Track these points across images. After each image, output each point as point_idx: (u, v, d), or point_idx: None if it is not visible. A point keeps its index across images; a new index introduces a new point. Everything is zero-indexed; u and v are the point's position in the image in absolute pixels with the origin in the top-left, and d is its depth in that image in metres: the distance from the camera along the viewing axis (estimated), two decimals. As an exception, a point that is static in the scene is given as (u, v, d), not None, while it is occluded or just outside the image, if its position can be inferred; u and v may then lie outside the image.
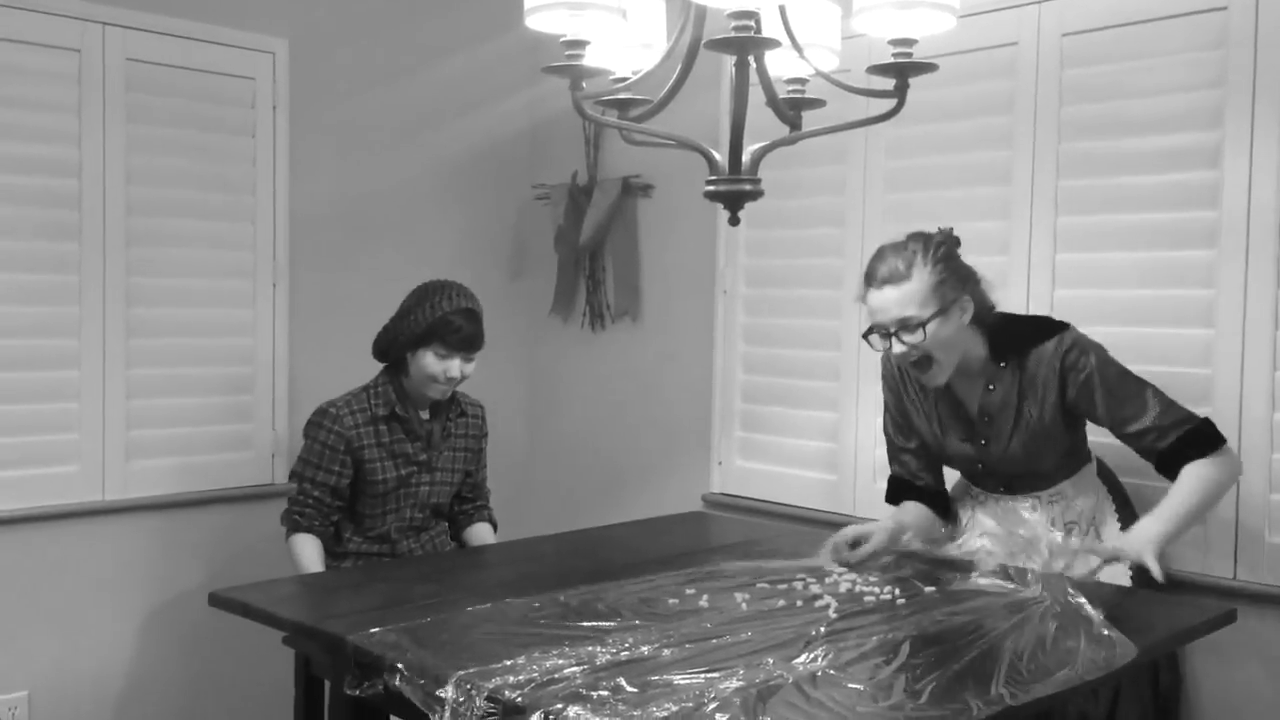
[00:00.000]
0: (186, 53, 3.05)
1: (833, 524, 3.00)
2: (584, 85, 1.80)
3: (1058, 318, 2.33)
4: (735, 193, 1.88)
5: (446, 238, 3.61)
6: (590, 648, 1.75)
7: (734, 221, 1.95)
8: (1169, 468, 2.17)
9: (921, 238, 2.23)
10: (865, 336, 2.27)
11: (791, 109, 2.00)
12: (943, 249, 2.21)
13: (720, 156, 1.88)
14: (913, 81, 1.88)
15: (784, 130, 1.98)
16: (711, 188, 1.90)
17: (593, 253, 3.63)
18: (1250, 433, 2.37)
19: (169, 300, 3.07)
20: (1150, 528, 2.12)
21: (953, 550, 2.40)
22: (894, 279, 2.18)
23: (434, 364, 2.60)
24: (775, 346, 3.22)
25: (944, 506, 2.48)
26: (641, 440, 3.56)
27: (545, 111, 3.70)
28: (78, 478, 2.94)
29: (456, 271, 2.82)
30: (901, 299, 2.17)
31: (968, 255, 2.50)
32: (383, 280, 2.89)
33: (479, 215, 3.74)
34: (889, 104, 1.89)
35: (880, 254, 2.24)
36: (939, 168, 2.84)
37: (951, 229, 2.27)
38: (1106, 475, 2.45)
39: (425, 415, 2.72)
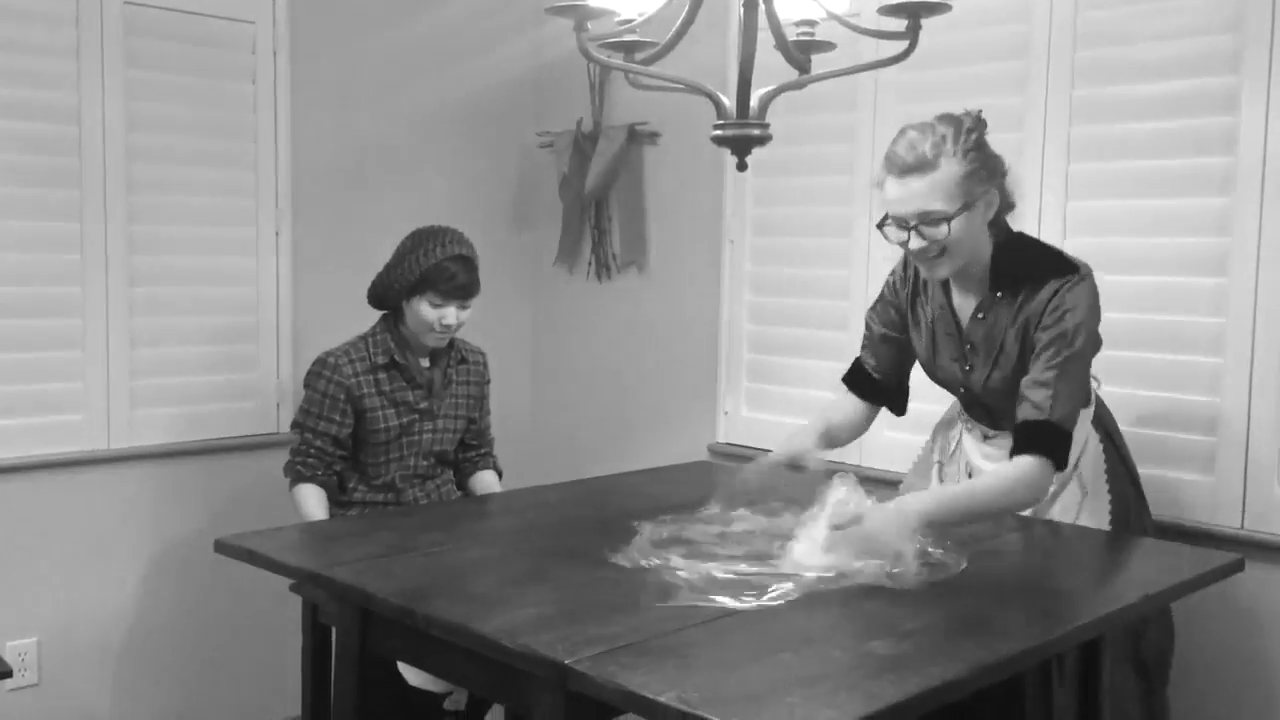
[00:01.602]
0: (185, -4, 3.01)
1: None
2: (589, 26, 1.77)
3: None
4: (743, 137, 1.85)
5: (450, 185, 3.58)
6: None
7: (741, 167, 1.93)
8: (1015, 441, 2.02)
9: (951, 121, 2.03)
10: (880, 227, 2.08)
11: (801, 52, 1.96)
12: (974, 135, 2.01)
13: (728, 101, 1.86)
14: (924, 25, 1.84)
15: (793, 74, 1.95)
16: (719, 132, 1.87)
17: (598, 201, 3.59)
18: (1261, 380, 2.35)
19: (171, 248, 3.05)
20: (917, 504, 1.95)
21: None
22: (920, 168, 1.98)
23: (429, 312, 2.59)
24: (782, 296, 3.20)
25: (900, 403, 2.38)
26: (647, 390, 3.55)
27: (550, 55, 3.64)
28: (82, 426, 2.94)
29: (460, 220, 2.79)
30: (927, 191, 1.98)
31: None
32: (386, 228, 2.86)
33: (483, 162, 3.70)
34: (900, 47, 1.86)
35: (904, 137, 2.03)
36: (950, 114, 2.80)
37: (980, 111, 2.06)
38: (1104, 420, 2.32)
39: (425, 363, 2.71)
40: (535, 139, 3.74)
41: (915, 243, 2.04)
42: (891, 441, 2.84)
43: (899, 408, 2.41)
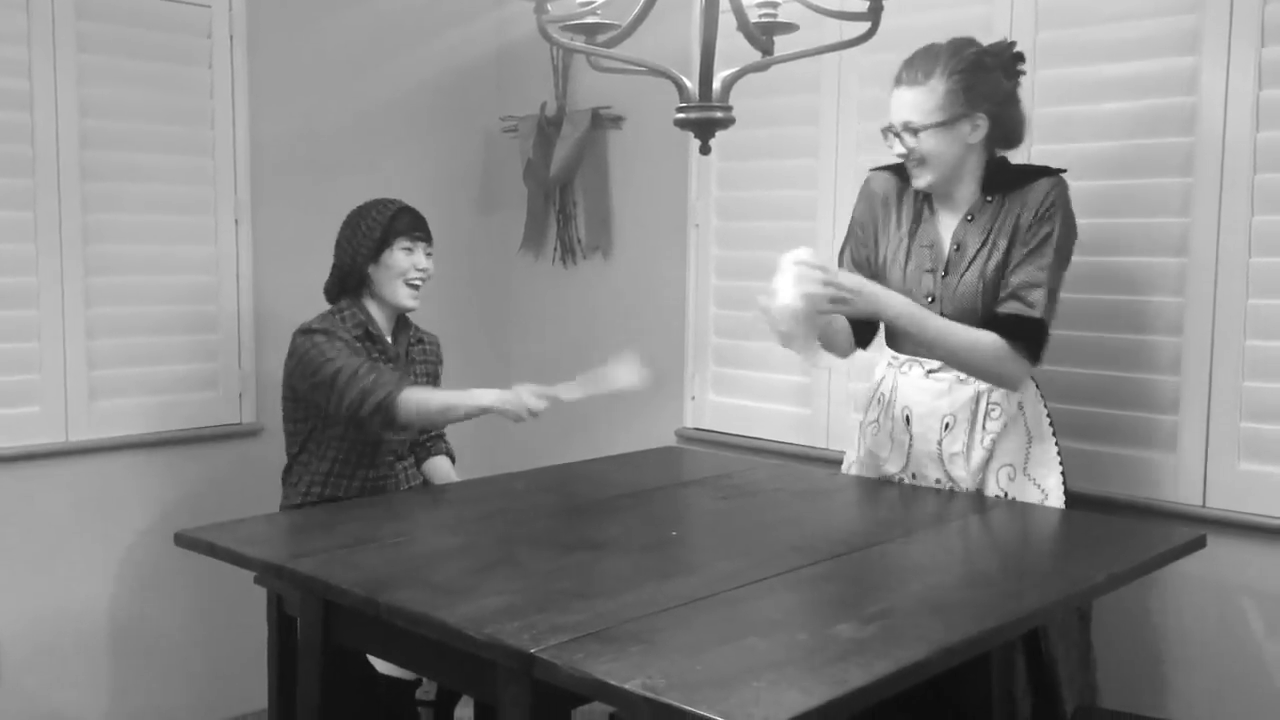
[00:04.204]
0: (139, -21, 2.96)
1: (805, 457, 3.01)
2: (549, 8, 1.75)
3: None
4: (706, 120, 1.84)
5: (413, 171, 3.54)
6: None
7: (705, 150, 1.92)
8: (999, 329, 2.18)
9: (958, 44, 2.21)
10: (882, 131, 2.27)
11: (763, 34, 1.95)
12: (970, 59, 2.18)
13: (690, 83, 1.84)
14: (887, 6, 1.84)
15: (756, 56, 1.94)
16: (681, 115, 1.86)
17: (563, 186, 3.57)
18: (1223, 360, 2.37)
19: (128, 237, 3.00)
20: (888, 293, 2.18)
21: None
22: (911, 81, 2.20)
23: (404, 259, 2.62)
24: (748, 280, 3.19)
25: (865, 337, 2.43)
26: (614, 376, 3.53)
27: (512, 37, 3.61)
28: (40, 418, 2.89)
29: (424, 206, 2.77)
30: (911, 102, 2.19)
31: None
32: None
33: (446, 147, 3.66)
34: (863, 29, 1.85)
35: (916, 52, 2.24)
36: (913, 96, 2.80)
37: (1014, 43, 2.25)
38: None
39: (389, 340, 2.70)
40: (499, 123, 3.71)
41: (896, 147, 2.24)
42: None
43: (864, 341, 2.44)
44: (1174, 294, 2.43)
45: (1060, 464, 2.30)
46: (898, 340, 2.37)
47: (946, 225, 2.30)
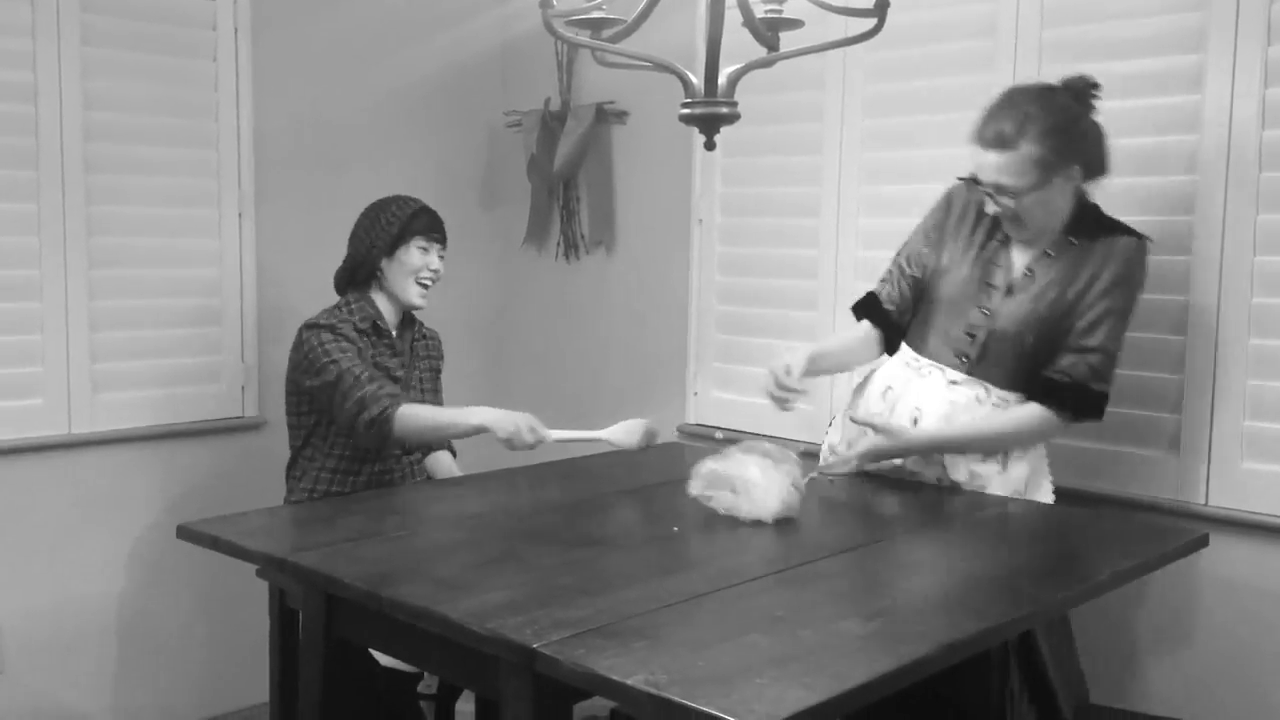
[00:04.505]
0: (143, -28, 2.96)
1: (807, 454, 3.00)
2: (554, 3, 1.75)
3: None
4: (711, 115, 1.84)
5: (417, 165, 3.54)
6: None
7: (710, 146, 1.92)
8: (1039, 390, 2.19)
9: (1042, 97, 2.13)
10: (971, 179, 2.23)
11: (769, 30, 1.94)
12: (1059, 115, 2.11)
13: (695, 79, 1.84)
14: (892, 3, 1.83)
15: (761, 52, 1.93)
16: (687, 110, 1.86)
17: (566, 181, 3.57)
18: (1226, 359, 2.37)
19: (131, 230, 3.00)
20: (923, 435, 2.21)
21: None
22: (1000, 144, 2.11)
23: (418, 258, 2.63)
24: (752, 276, 3.19)
25: (897, 341, 2.43)
26: (617, 372, 3.54)
27: (516, 31, 3.61)
28: (43, 411, 2.89)
29: (427, 200, 2.76)
30: (1002, 166, 2.12)
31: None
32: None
33: (450, 142, 3.66)
34: (868, 25, 1.85)
35: (996, 107, 2.15)
36: (919, 92, 2.79)
37: (1090, 78, 2.16)
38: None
39: (394, 334, 2.70)
40: (503, 118, 3.70)
41: (990, 207, 2.20)
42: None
43: (895, 345, 2.44)
44: (1178, 292, 2.43)
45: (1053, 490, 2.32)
46: (919, 341, 2.36)
47: (1022, 251, 2.28)
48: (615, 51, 1.91)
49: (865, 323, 2.45)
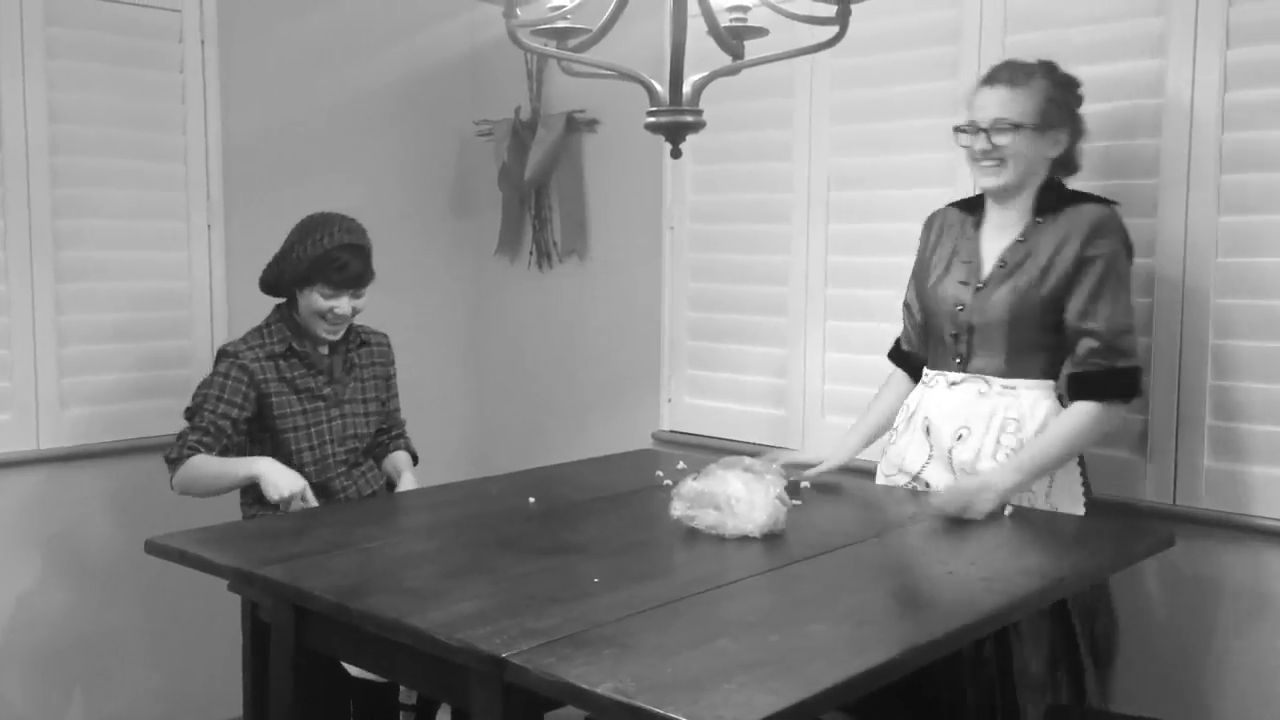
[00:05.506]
0: (108, -16, 2.94)
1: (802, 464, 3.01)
2: (518, 12, 1.75)
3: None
4: (676, 124, 1.84)
5: (387, 175, 3.53)
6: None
7: (676, 154, 1.92)
8: (1071, 390, 2.22)
9: (1050, 64, 2.27)
10: (957, 130, 2.30)
11: (734, 38, 1.95)
12: (1064, 78, 2.26)
13: (661, 87, 1.84)
14: (856, 10, 1.85)
15: (726, 60, 1.94)
16: (652, 119, 1.86)
17: (538, 190, 3.57)
18: (1190, 358, 2.39)
19: (99, 243, 2.98)
20: (1004, 479, 2.17)
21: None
22: (1012, 80, 2.23)
23: (321, 303, 2.54)
24: (723, 282, 3.20)
25: (920, 372, 2.48)
26: (591, 379, 3.54)
27: (484, 39, 3.61)
28: (11, 426, 2.87)
29: (398, 211, 2.77)
30: (1010, 99, 2.22)
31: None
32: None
33: (420, 152, 3.65)
34: (832, 33, 1.86)
35: (1005, 61, 2.30)
36: (885, 99, 2.81)
37: (1078, 79, 2.30)
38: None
39: (324, 350, 2.66)
40: (473, 127, 3.70)
41: (981, 144, 2.24)
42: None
43: (919, 376, 2.49)
44: (1143, 294, 2.45)
45: (1085, 494, 2.30)
46: (929, 359, 2.43)
47: (992, 242, 2.34)
48: (581, 60, 1.91)
49: (894, 368, 2.57)
